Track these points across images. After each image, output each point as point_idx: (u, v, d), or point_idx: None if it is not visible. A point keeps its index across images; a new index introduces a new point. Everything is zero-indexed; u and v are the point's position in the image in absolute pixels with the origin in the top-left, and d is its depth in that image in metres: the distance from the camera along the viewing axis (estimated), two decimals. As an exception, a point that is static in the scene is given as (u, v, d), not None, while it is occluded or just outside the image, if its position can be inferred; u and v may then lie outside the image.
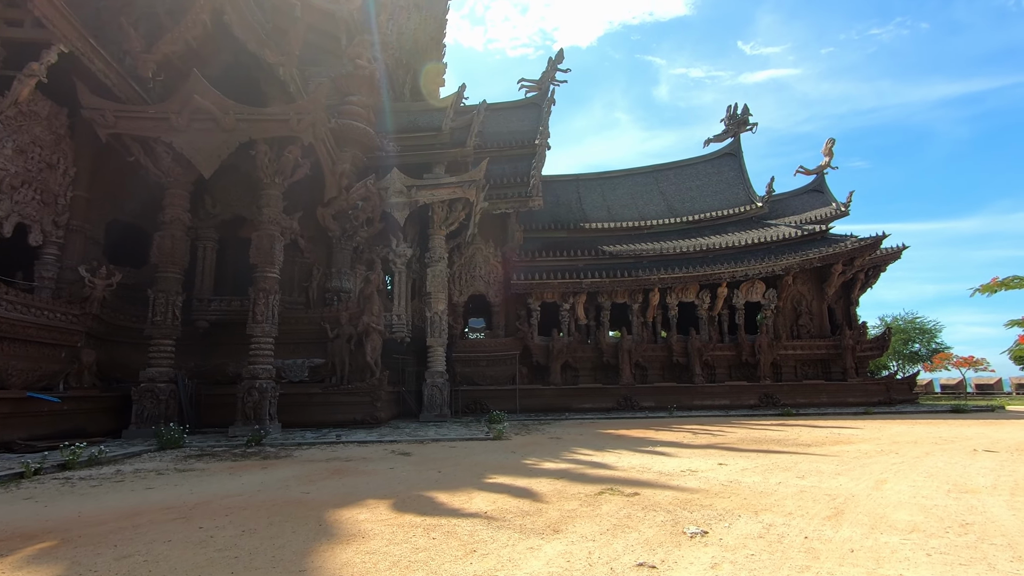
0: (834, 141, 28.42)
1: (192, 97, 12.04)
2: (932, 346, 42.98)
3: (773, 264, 21.29)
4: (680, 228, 24.99)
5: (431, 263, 17.08)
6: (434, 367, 16.66)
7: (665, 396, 20.14)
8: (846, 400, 20.42)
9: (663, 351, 21.31)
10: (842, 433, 11.85)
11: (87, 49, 11.39)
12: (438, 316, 16.86)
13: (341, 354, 14.36)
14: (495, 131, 25.46)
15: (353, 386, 13.96)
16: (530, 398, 19.95)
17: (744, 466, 7.36)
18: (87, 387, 11.78)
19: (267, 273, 12.72)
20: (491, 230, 22.53)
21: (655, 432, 12.73)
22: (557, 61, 28.80)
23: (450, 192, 16.68)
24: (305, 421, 13.67)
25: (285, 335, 14.64)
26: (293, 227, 14.64)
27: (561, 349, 20.52)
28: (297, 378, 14.49)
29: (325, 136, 13.35)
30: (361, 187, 15.37)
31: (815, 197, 27.24)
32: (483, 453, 9.07)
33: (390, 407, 16.10)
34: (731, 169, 28.00)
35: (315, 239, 15.98)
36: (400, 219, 16.45)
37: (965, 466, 7.27)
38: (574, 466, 7.55)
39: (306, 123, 12.52)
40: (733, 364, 21.58)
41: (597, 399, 20.11)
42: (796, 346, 21.72)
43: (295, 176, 13.44)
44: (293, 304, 15.49)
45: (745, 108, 29.66)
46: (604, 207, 26.69)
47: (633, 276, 20.99)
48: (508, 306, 21.90)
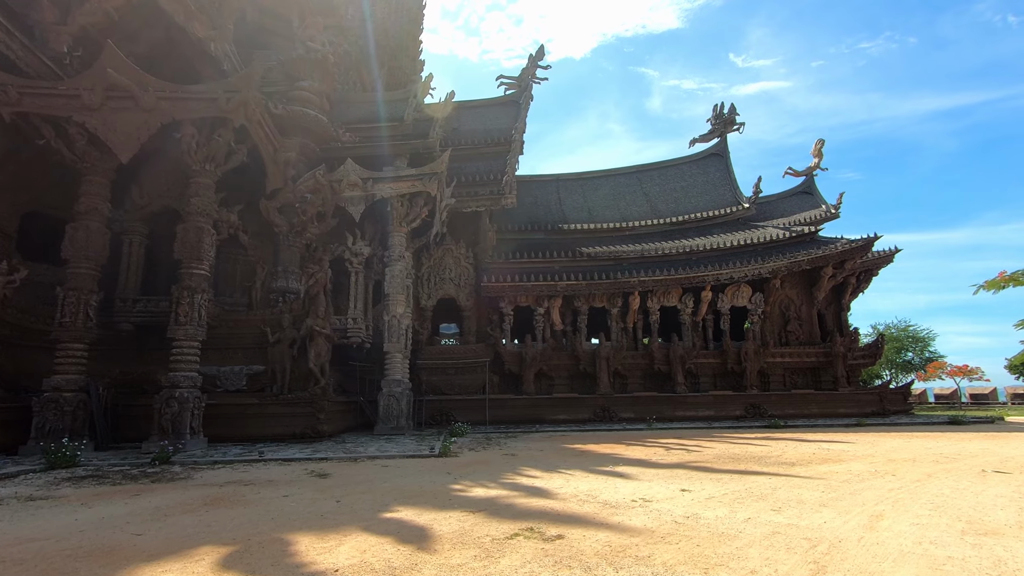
0: (823, 142, 27.48)
1: (106, 72, 10.75)
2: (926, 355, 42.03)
3: (759, 267, 20.14)
4: (663, 230, 23.84)
5: (390, 262, 15.78)
6: (391, 375, 15.31)
7: (645, 406, 18.84)
8: (837, 411, 19.20)
9: (644, 359, 20.04)
10: (832, 449, 10.60)
11: (-19, 14, 10.11)
12: (396, 320, 15.53)
13: (282, 360, 13.01)
14: (471, 128, 24.35)
15: (293, 396, 12.60)
16: (501, 409, 18.59)
17: (711, 493, 6.08)
18: (-22, 397, 10.38)
19: (193, 269, 11.39)
20: (463, 230, 21.29)
21: (625, 447, 11.43)
22: (538, 58, 27.77)
23: (409, 186, 15.42)
24: (238, 435, 12.29)
25: (221, 339, 13.32)
26: (231, 220, 13.36)
27: (535, 356, 19.22)
28: (234, 387, 13.10)
29: (262, 119, 12.09)
30: (309, 178, 14.09)
31: (804, 199, 26.22)
32: (414, 475, 7.75)
33: (341, 419, 14.72)
34: (717, 170, 26.95)
35: (260, 235, 14.67)
36: (355, 214, 15.15)
37: (977, 494, 6.02)
38: (507, 493, 6.24)
39: (237, 103, 11.26)
40: (718, 372, 20.35)
41: (573, 410, 18.79)
42: (784, 353, 20.52)
43: (229, 164, 12.16)
44: (234, 305, 14.14)
45: (732, 108, 28.70)
46: (585, 208, 25.53)
47: (612, 279, 19.76)
48: (480, 311, 20.60)
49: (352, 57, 18.61)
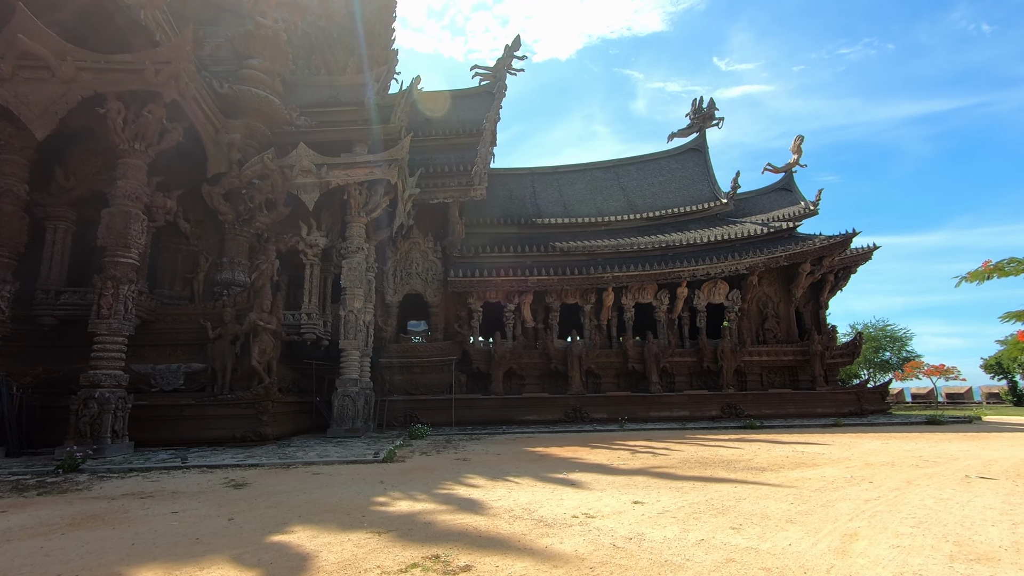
0: (802, 138, 27.06)
1: (16, 38, 9.72)
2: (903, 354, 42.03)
3: (737, 262, 19.56)
4: (640, 225, 23.20)
5: (347, 254, 14.84)
6: (347, 374, 14.38)
7: (619, 406, 18.14)
8: (815, 411, 18.68)
9: (618, 357, 19.35)
10: (806, 452, 9.95)
11: None
12: (354, 315, 14.60)
13: (223, 358, 12.04)
14: (443, 119, 23.49)
15: (233, 396, 11.64)
16: (469, 409, 17.76)
17: (667, 506, 5.33)
18: None
19: (119, 257, 10.38)
20: (431, 223, 20.43)
21: (589, 450, 10.68)
22: (514, 48, 27.03)
23: (367, 172, 14.51)
24: (173, 438, 11.31)
25: (158, 335, 12.32)
26: (167, 206, 12.34)
27: (504, 354, 18.41)
28: (171, 386, 12.10)
29: (199, 95, 11.13)
30: (256, 163, 13.12)
31: (783, 196, 25.75)
32: (342, 484, 6.90)
33: (291, 421, 13.78)
34: (696, 165, 26.42)
35: (204, 223, 13.66)
36: (309, 202, 14.20)
37: (963, 505, 5.35)
38: (433, 507, 5.42)
39: (167, 75, 10.28)
40: (694, 371, 19.73)
41: (543, 410, 18.01)
42: (762, 352, 19.98)
43: (164, 143, 11.16)
44: (174, 299, 13.12)
45: (711, 103, 28.22)
46: (560, 202, 24.80)
47: (585, 274, 19.03)
48: (448, 307, 19.75)
49: (312, 39, 17.64)
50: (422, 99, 25.80)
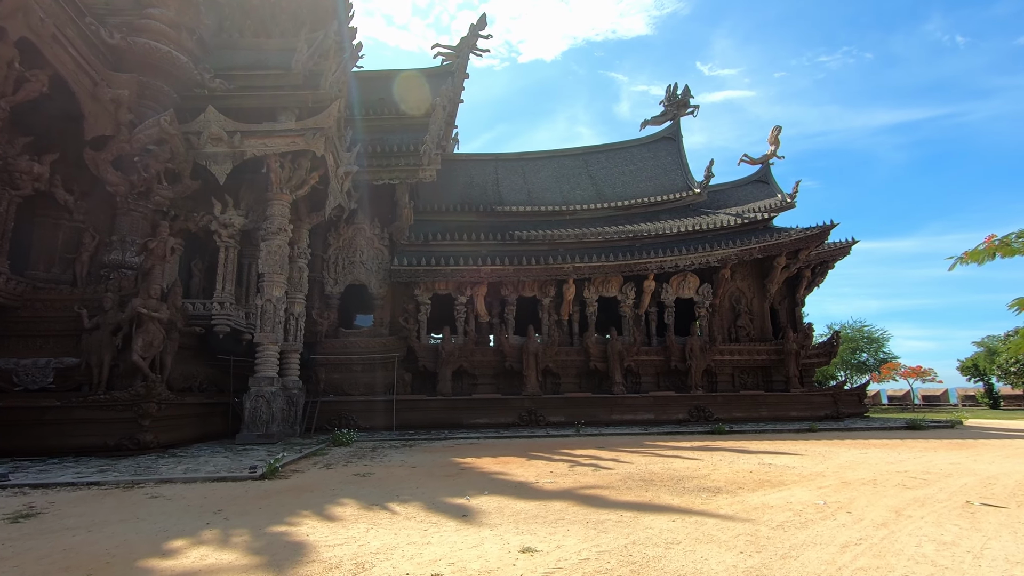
0: (780, 129, 25.82)
1: None
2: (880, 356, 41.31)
3: (708, 254, 18.17)
4: (608, 215, 21.72)
5: (267, 236, 13.06)
6: (262, 371, 12.61)
7: (578, 409, 16.61)
8: (789, 414, 17.36)
9: (579, 355, 17.82)
10: (775, 465, 8.48)
11: None
12: (272, 304, 12.83)
13: (99, 351, 10.19)
14: (399, 99, 21.74)
15: (107, 396, 9.81)
16: (412, 411, 16.07)
17: (563, 558, 3.75)
18: None
19: (-47, 228, 8.52)
20: (378, 208, 18.70)
21: (523, 462, 9.10)
22: (479, 27, 25.35)
23: (288, 142, 12.75)
24: (31, 447, 9.48)
25: (24, 324, 10.49)
26: (33, 171, 10.44)
27: (452, 351, 16.75)
28: (36, 385, 10.22)
29: (62, 36, 9.29)
30: (152, 125, 11.29)
31: (759, 188, 24.51)
32: (162, 516, 5.21)
33: (193, 425, 11.96)
34: (669, 154, 25.03)
35: (92, 196, 11.79)
36: (219, 175, 12.40)
37: (975, 555, 3.85)
38: (234, 559, 3.77)
39: (12, 5, 8.45)
40: (661, 371, 18.30)
41: (495, 413, 16.40)
42: (734, 351, 18.62)
43: (22, 95, 9.32)
44: (52, 282, 11.22)
45: (686, 89, 26.86)
46: (524, 190, 23.22)
47: (544, 264, 17.47)
48: (394, 299, 18.03)
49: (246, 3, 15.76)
50: (378, 78, 24.07)
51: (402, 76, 24.29)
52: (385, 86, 23.09)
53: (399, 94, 22.24)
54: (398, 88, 22.83)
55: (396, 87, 22.92)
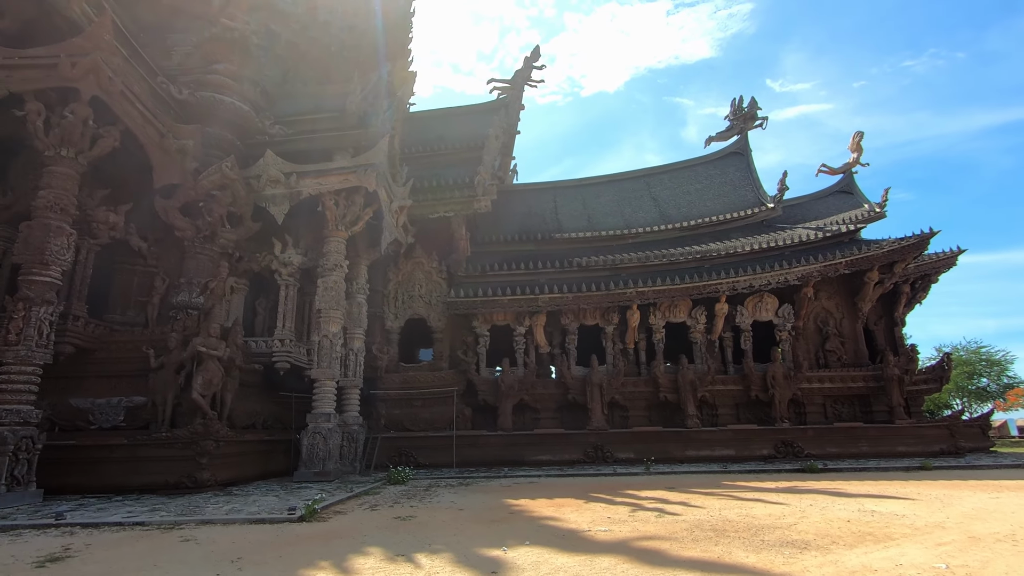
0: (862, 135, 23.83)
1: (-77, 35, 8.85)
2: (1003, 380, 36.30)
3: (785, 272, 16.65)
4: (674, 236, 20.64)
5: (323, 273, 13.26)
6: (319, 408, 12.60)
7: (648, 444, 15.40)
8: (895, 449, 15.23)
9: (647, 386, 16.67)
10: (879, 512, 7.14)
11: None
12: (329, 340, 12.89)
13: (164, 389, 10.52)
14: (456, 135, 22.11)
15: (168, 434, 10.02)
16: (473, 448, 15.55)
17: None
18: None
19: (34, 276, 9.12)
20: (436, 241, 18.74)
21: (579, 505, 8.27)
22: (533, 59, 25.61)
23: (341, 180, 13.00)
24: (99, 484, 9.80)
25: (100, 365, 11.04)
26: (109, 221, 11.15)
27: (512, 384, 16.17)
28: (110, 423, 10.68)
29: (130, 92, 9.95)
30: (214, 172, 11.85)
31: (842, 199, 22.53)
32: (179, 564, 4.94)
33: (254, 462, 12.06)
34: (737, 169, 23.67)
35: (165, 242, 12.45)
36: (278, 216, 12.80)
37: None
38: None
39: (84, 67, 9.14)
40: (740, 402, 16.74)
41: (559, 449, 15.54)
42: (824, 378, 16.76)
43: (97, 149, 10.01)
44: (127, 325, 11.84)
45: (753, 101, 25.52)
46: (584, 216, 22.63)
47: (604, 290, 16.66)
48: (454, 332, 17.80)
49: (299, 49, 16.62)
50: (437, 117, 24.69)
51: (458, 112, 24.82)
52: (443, 124, 23.63)
53: (456, 130, 22.63)
54: (455, 124, 23.28)
55: (453, 123, 23.39)
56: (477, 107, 24.49)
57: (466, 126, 22.58)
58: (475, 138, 21.03)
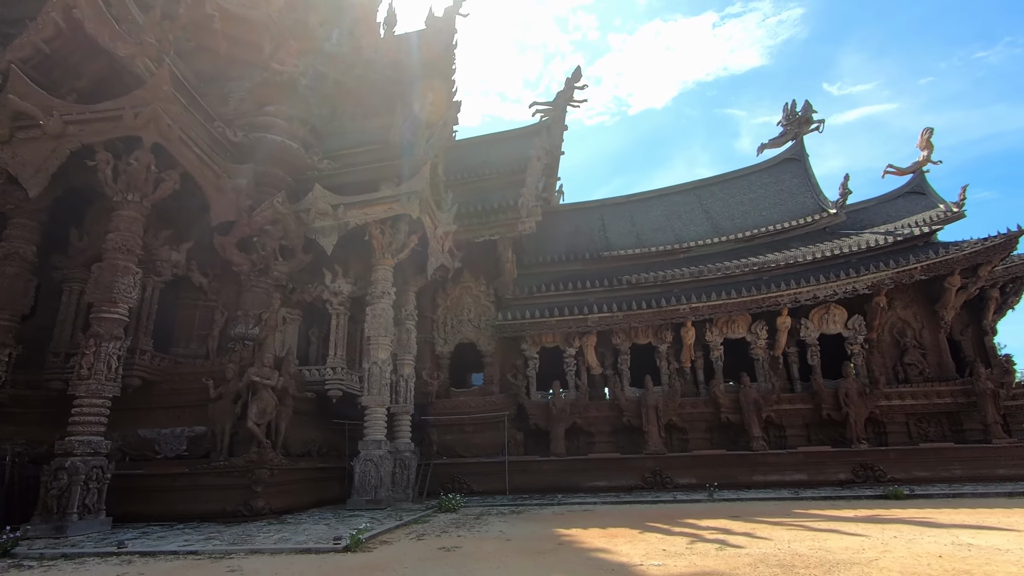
0: (931, 131, 22.27)
1: (9, 99, 9.76)
2: (1122, 393, 32.24)
3: (853, 280, 15.55)
4: (728, 249, 19.81)
5: (372, 300, 13.49)
6: (370, 435, 12.67)
7: (711, 469, 14.53)
8: (993, 472, 13.67)
9: (706, 407, 15.84)
10: (977, 546, 6.31)
11: None
12: (378, 367, 13.02)
13: (222, 419, 10.86)
14: (499, 159, 22.30)
15: (225, 463, 10.30)
16: (525, 474, 15.19)
17: None
18: None
19: (103, 313, 9.71)
20: (483, 265, 18.79)
21: (634, 535, 7.79)
22: (574, 79, 25.74)
23: (385, 208, 13.27)
24: (164, 512, 10.15)
25: (165, 396, 11.56)
26: (172, 259, 11.80)
27: (564, 408, 15.76)
28: (174, 452, 11.11)
29: (187, 137, 10.57)
30: (267, 208, 12.37)
31: (913, 200, 21.03)
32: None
33: (309, 490, 12.22)
34: (793, 176, 22.59)
35: (223, 277, 13.05)
36: (327, 247, 13.19)
37: None
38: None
39: (145, 116, 9.81)
40: (811, 422, 15.59)
41: (615, 475, 14.92)
42: (904, 394, 15.38)
43: (159, 192, 10.67)
44: (190, 357, 12.41)
45: (807, 105, 24.41)
46: (633, 233, 22.14)
47: (656, 307, 16.09)
48: (503, 356, 17.64)
49: (346, 87, 17.31)
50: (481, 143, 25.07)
51: (501, 137, 25.11)
52: (487, 149, 23.94)
53: (499, 154, 22.84)
54: (498, 149, 23.53)
55: (496, 148, 23.65)
56: (519, 131, 24.69)
57: (509, 150, 22.76)
58: (518, 161, 21.11)
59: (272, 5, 13.96)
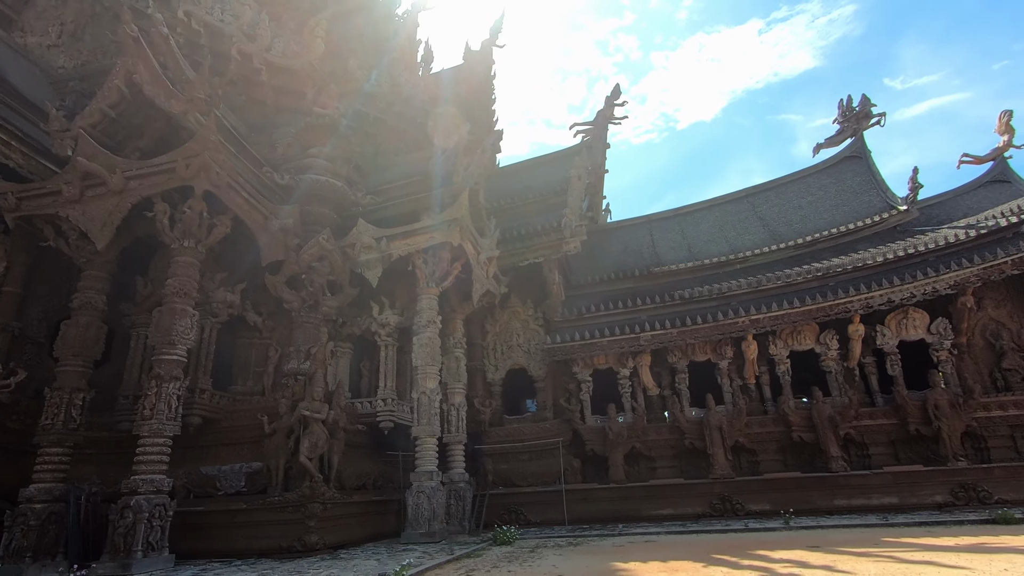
0: (1011, 113, 20.50)
1: (78, 161, 10.59)
2: None
3: (933, 280, 14.22)
4: (787, 256, 18.71)
5: (418, 330, 13.51)
6: (422, 466, 12.52)
7: (785, 493, 13.43)
8: None
9: (776, 425, 14.75)
10: (1109, 580, 5.34)
11: (-30, 131, 10.60)
12: (427, 397, 12.95)
13: (277, 454, 11.04)
14: (542, 183, 22.28)
15: (280, 498, 10.41)
16: (584, 502, 14.59)
17: None
18: (-43, 513, 9.77)
19: (163, 355, 10.15)
20: (530, 289, 18.58)
21: (697, 569, 7.16)
22: (613, 97, 25.70)
23: (427, 238, 13.37)
24: (225, 549, 10.35)
25: (225, 433, 11.95)
26: (227, 300, 12.30)
27: (621, 432, 15.10)
28: (234, 488, 11.35)
29: (235, 182, 11.07)
30: (313, 245, 12.73)
31: (996, 190, 19.28)
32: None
33: (363, 524, 12.18)
34: (855, 174, 21.26)
35: (276, 315, 13.45)
36: (372, 279, 13.40)
37: None
38: None
39: (196, 167, 10.35)
40: (897, 439, 14.18)
41: (679, 501, 14.06)
42: (1006, 403, 13.76)
43: (212, 237, 11.18)
44: (247, 394, 12.78)
45: (864, 99, 23.11)
46: (684, 246, 21.38)
47: (712, 322, 15.28)
48: (555, 380, 17.22)
49: (387, 124, 17.83)
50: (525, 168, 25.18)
51: (543, 160, 25.14)
52: (530, 174, 24.01)
53: (542, 178, 22.82)
54: (541, 172, 23.54)
55: (539, 172, 23.68)
56: (560, 153, 24.65)
57: (551, 173, 22.69)
58: (561, 183, 20.98)
59: (313, 53, 14.62)
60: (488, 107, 23.26)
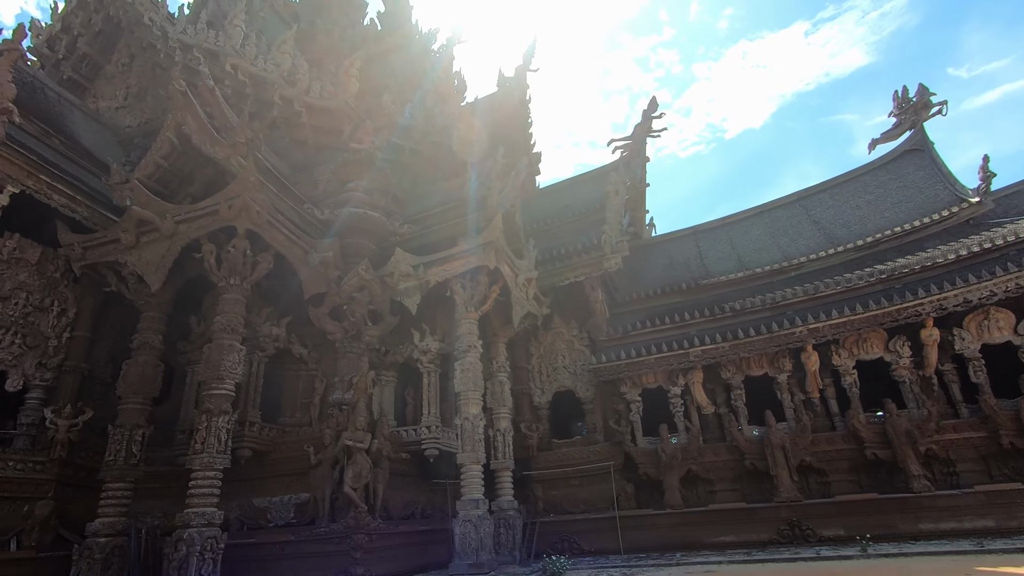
0: (1093, 89, 18.66)
1: (133, 210, 11.31)
2: None
3: (1016, 275, 12.91)
4: (846, 260, 17.56)
5: (459, 355, 13.45)
6: (467, 494, 12.29)
7: (861, 517, 12.30)
8: None
9: (846, 442, 13.63)
10: None
11: (41, 186, 11.51)
12: (471, 422, 12.78)
13: (323, 485, 11.14)
14: (581, 201, 22.07)
15: (326, 529, 10.44)
16: (638, 529, 13.90)
17: None
18: (31, 547, 10.32)
19: (213, 390, 10.50)
20: (573, 309, 18.26)
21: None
22: (650, 110, 25.29)
23: (463, 263, 13.38)
24: (279, 582, 10.42)
25: (275, 465, 12.22)
26: (273, 334, 12.68)
27: (674, 454, 14.36)
28: (283, 520, 11.53)
29: (275, 220, 11.49)
30: (352, 276, 12.99)
31: (1084, 173, 17.45)
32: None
33: (410, 555, 12.05)
34: (917, 168, 19.86)
35: (321, 347, 13.74)
36: (411, 307, 13.50)
37: None
38: None
39: (237, 208, 10.82)
40: (988, 453, 12.79)
41: (742, 527, 13.15)
42: (1117, 410, 12.17)
43: (256, 274, 11.62)
44: (295, 426, 13.03)
45: (921, 88, 21.67)
46: (733, 256, 20.49)
47: (766, 333, 14.44)
48: (603, 401, 16.69)
49: (423, 154, 18.20)
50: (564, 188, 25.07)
51: (582, 179, 24.96)
52: (569, 193, 23.84)
53: (581, 196, 22.59)
54: (580, 191, 23.33)
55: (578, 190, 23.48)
56: (598, 171, 24.37)
57: (590, 190, 22.44)
58: (600, 200, 20.64)
59: (348, 92, 15.20)
60: (524, 130, 23.43)
